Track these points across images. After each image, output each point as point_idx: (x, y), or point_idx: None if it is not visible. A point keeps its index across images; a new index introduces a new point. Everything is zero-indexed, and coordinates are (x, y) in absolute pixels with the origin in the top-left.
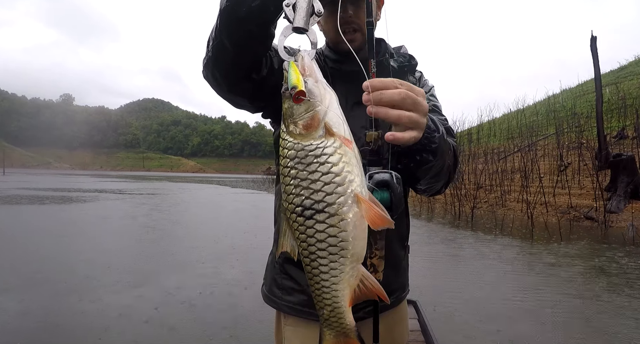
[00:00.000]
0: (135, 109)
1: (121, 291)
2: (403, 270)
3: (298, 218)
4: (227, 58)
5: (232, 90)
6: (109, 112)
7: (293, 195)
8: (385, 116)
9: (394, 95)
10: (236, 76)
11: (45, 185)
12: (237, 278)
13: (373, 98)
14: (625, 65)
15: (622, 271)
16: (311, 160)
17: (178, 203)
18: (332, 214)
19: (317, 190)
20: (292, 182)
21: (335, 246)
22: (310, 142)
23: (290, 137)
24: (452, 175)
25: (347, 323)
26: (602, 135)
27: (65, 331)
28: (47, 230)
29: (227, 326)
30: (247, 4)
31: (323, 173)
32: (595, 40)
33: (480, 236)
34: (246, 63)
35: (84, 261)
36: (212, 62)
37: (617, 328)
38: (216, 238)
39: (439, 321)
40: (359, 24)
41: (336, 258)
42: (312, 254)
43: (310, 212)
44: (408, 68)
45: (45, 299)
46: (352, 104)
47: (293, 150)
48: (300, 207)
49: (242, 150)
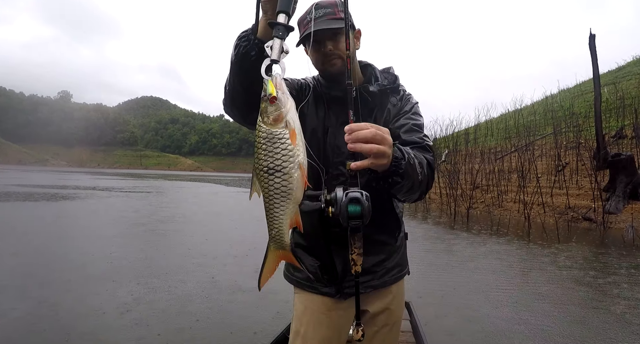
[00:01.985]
0: (133, 107)
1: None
2: (396, 254)
3: (264, 174)
4: (240, 98)
5: (247, 120)
6: (106, 110)
7: (262, 160)
8: (360, 149)
9: (367, 134)
10: (249, 109)
11: (36, 182)
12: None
13: (352, 137)
14: (623, 66)
15: (622, 274)
16: (276, 140)
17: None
18: (285, 173)
19: (277, 159)
20: (262, 153)
21: (285, 192)
22: (277, 129)
23: (265, 125)
24: (427, 187)
25: (285, 241)
26: (600, 134)
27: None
28: (26, 230)
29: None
30: (247, 59)
31: (282, 148)
32: (594, 38)
33: (475, 237)
34: (254, 100)
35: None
36: (230, 102)
37: (615, 332)
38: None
39: (430, 322)
40: (338, 53)
41: (285, 199)
42: (271, 197)
43: (272, 171)
44: (391, 90)
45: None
46: (340, 123)
47: (265, 133)
48: (266, 168)
49: (240, 149)
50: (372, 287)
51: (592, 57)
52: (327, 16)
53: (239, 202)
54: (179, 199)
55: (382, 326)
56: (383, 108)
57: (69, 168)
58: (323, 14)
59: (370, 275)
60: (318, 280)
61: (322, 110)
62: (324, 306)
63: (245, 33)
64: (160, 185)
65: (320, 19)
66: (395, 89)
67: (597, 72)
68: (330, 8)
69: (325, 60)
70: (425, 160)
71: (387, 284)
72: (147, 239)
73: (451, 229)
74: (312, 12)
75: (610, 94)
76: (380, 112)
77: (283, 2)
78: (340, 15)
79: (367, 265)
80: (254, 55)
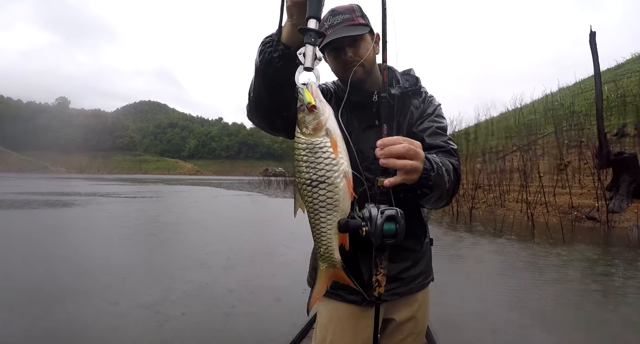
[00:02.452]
0: (131, 111)
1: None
2: (422, 260)
3: (307, 188)
4: (265, 104)
5: (272, 126)
6: (105, 115)
7: (304, 172)
8: (393, 165)
9: (401, 149)
10: (273, 115)
11: (33, 189)
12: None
13: (385, 152)
14: (623, 63)
15: (629, 276)
16: (317, 150)
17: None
18: (330, 183)
19: (320, 169)
20: (304, 165)
21: (331, 204)
22: (317, 139)
23: (304, 136)
24: (453, 193)
25: (336, 258)
26: (602, 132)
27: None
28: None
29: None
30: (273, 65)
31: (324, 158)
32: (594, 36)
33: (478, 238)
34: (279, 106)
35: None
36: (254, 108)
37: (626, 336)
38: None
39: (437, 323)
40: (358, 60)
41: (331, 212)
42: (315, 210)
43: (315, 183)
44: (412, 92)
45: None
46: (363, 128)
47: (305, 144)
48: (309, 180)
49: (239, 152)
50: (398, 294)
51: (592, 55)
52: (345, 23)
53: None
54: (181, 204)
55: (408, 334)
56: (405, 111)
57: (69, 175)
58: (341, 21)
59: (397, 282)
60: (343, 287)
61: (344, 115)
62: (350, 314)
63: (270, 38)
64: (160, 190)
65: (339, 26)
66: (417, 91)
67: (598, 71)
68: (347, 14)
69: (345, 68)
70: (452, 166)
71: (413, 291)
72: (150, 244)
73: (454, 230)
74: (329, 19)
75: (610, 92)
76: (402, 115)
77: (312, 6)
78: (358, 21)
79: (394, 272)
80: (279, 61)
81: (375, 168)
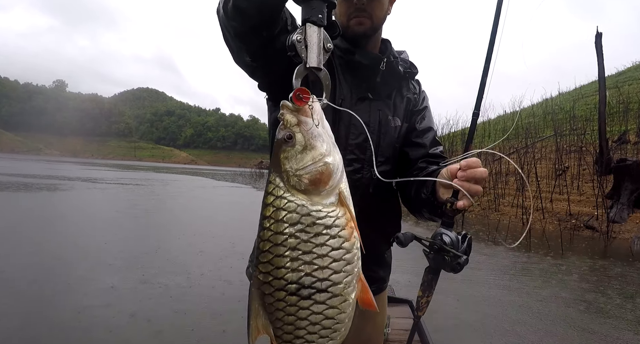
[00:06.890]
0: (129, 98)
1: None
2: (386, 263)
3: (288, 297)
4: (249, 9)
5: (240, 35)
6: (102, 100)
7: (287, 269)
8: (468, 189)
9: (483, 174)
10: (250, 23)
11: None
12: None
13: (467, 174)
14: (624, 71)
15: (633, 293)
16: (320, 230)
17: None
18: (336, 294)
19: (323, 267)
20: (289, 254)
21: (329, 329)
22: (319, 207)
23: (292, 195)
24: None
25: None
26: (604, 138)
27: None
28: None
29: None
30: None
31: (333, 248)
32: (601, 37)
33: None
34: (263, 13)
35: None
36: (232, 12)
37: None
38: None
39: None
40: (369, 12)
41: (325, 341)
42: (299, 338)
43: (309, 291)
44: (410, 74)
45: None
46: (356, 99)
47: (295, 214)
48: (295, 284)
49: (235, 143)
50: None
51: (598, 57)
52: None
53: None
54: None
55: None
56: (402, 94)
57: (61, 158)
58: None
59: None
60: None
61: (332, 78)
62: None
63: None
64: (150, 177)
65: None
66: (413, 75)
67: (602, 74)
68: None
69: (353, 15)
70: None
71: (380, 291)
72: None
73: None
74: None
75: (612, 98)
76: (399, 96)
77: None
78: None
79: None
80: None
81: (365, 153)
